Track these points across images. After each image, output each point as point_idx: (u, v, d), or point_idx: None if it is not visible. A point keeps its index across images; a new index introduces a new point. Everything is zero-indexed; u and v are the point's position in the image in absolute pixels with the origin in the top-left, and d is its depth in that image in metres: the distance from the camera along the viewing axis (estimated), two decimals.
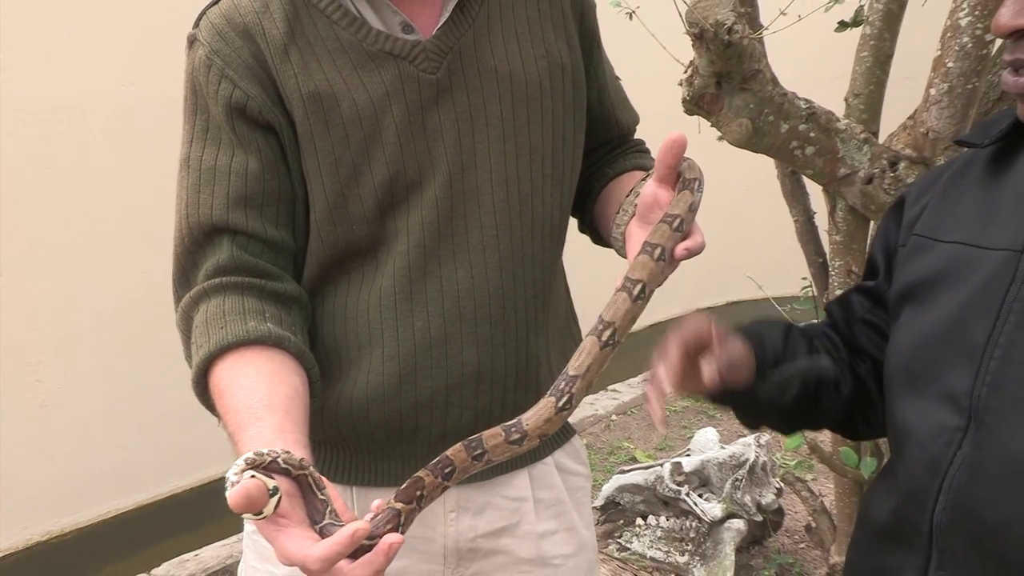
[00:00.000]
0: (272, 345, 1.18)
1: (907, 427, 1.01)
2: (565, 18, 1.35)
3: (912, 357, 1.03)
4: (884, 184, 1.69)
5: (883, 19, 1.73)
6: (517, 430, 1.07)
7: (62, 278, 3.21)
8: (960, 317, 0.96)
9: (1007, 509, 0.88)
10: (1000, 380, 0.90)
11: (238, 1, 1.25)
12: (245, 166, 1.23)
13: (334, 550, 0.91)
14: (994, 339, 0.92)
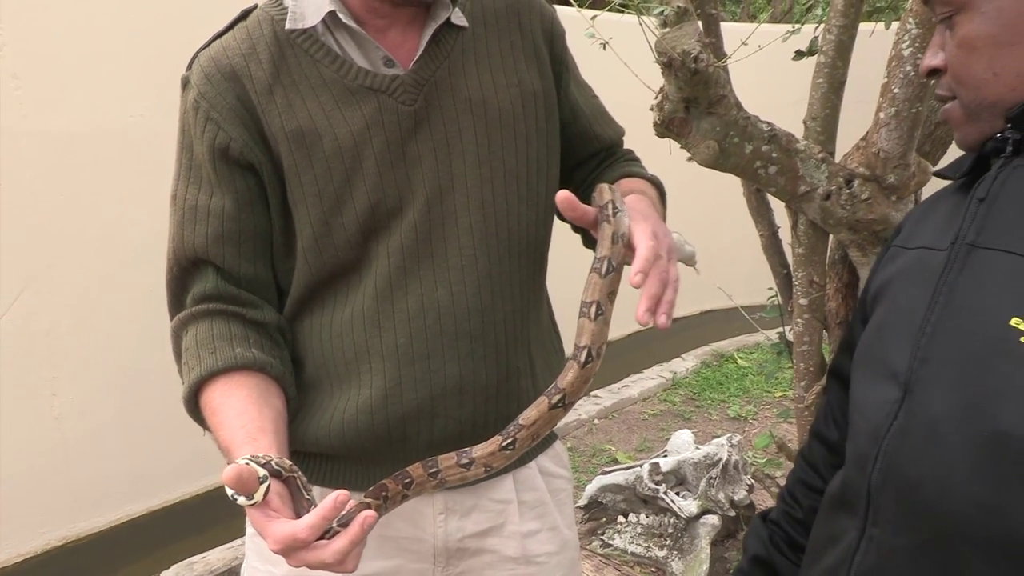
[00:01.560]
0: (257, 370, 1.24)
1: (857, 403, 1.06)
2: (536, 48, 1.37)
3: (870, 344, 1.08)
4: (841, 200, 1.72)
5: (835, 49, 1.77)
6: (467, 456, 1.15)
7: (77, 297, 3.23)
8: (908, 306, 1.01)
9: (924, 466, 0.92)
10: (927, 354, 0.95)
11: (227, 44, 1.28)
12: (222, 207, 1.26)
13: (321, 515, 0.98)
14: (927, 318, 0.96)
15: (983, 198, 0.97)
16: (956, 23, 0.96)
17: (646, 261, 1.06)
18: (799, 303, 1.94)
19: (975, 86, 0.96)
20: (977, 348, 0.90)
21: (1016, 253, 0.90)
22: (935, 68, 1.01)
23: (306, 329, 1.34)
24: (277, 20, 1.27)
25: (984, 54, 0.95)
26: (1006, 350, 0.87)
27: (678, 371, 5.64)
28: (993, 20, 0.93)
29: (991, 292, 0.91)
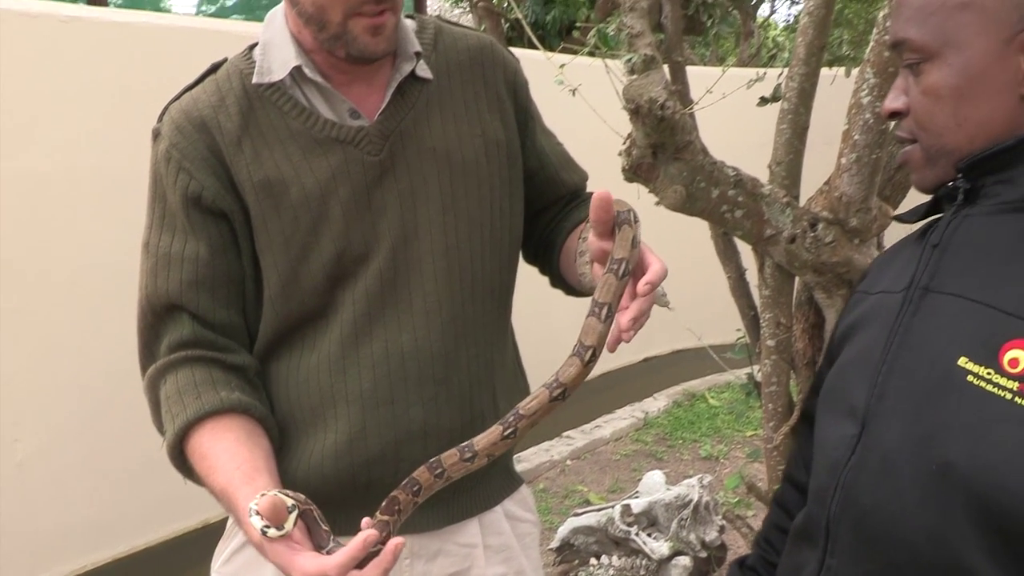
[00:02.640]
0: (241, 412, 1.26)
1: (820, 441, 1.11)
2: (500, 98, 1.40)
3: (833, 382, 1.13)
4: (805, 243, 1.76)
5: (798, 96, 1.82)
6: (469, 451, 1.17)
7: (42, 340, 3.20)
8: (867, 347, 1.06)
9: (878, 496, 0.97)
10: (884, 390, 1.00)
11: (197, 96, 1.31)
12: (196, 253, 1.28)
13: (350, 555, 1.02)
14: (884, 357, 1.01)
15: (936, 244, 1.02)
16: (923, 70, 1.00)
17: (658, 276, 1.09)
18: (767, 344, 1.97)
19: (938, 133, 1.00)
20: (929, 385, 0.95)
21: (964, 297, 0.96)
22: (897, 111, 1.04)
23: (273, 374, 1.35)
24: (246, 74, 1.30)
25: (949, 103, 0.98)
26: (955, 387, 0.92)
27: (650, 411, 5.66)
28: (960, 72, 0.97)
29: (942, 333, 0.96)
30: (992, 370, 0.90)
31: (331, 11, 1.22)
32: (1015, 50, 0.94)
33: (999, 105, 0.96)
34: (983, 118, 0.97)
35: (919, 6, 0.99)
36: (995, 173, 0.98)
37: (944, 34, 0.97)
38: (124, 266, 3.22)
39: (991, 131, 0.97)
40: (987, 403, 0.89)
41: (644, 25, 1.86)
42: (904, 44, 1.00)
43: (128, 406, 3.25)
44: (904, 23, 1.00)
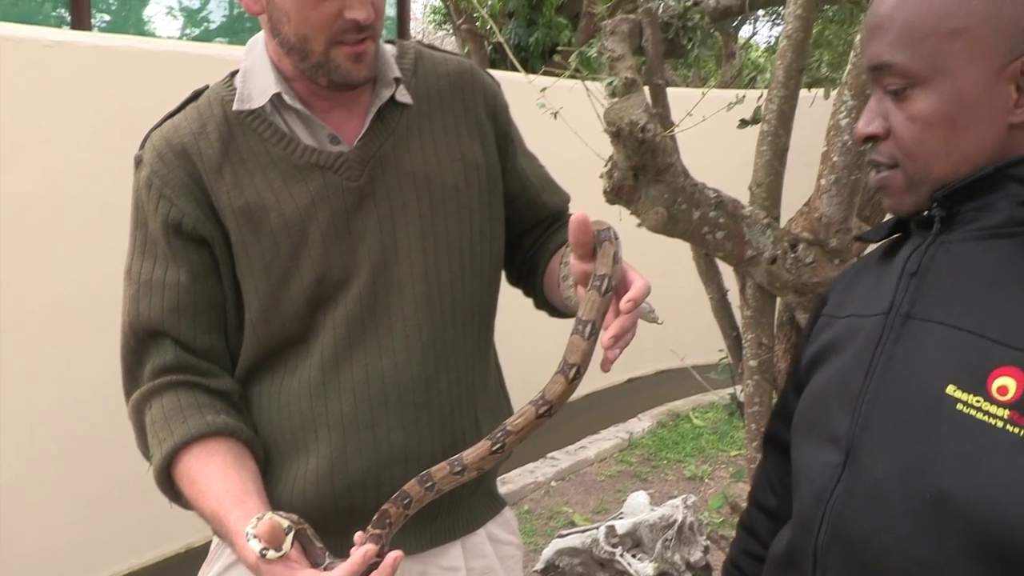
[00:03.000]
0: (228, 435, 1.27)
1: (802, 468, 1.09)
2: (480, 122, 1.41)
3: (809, 410, 1.11)
4: (786, 264, 1.78)
5: (777, 118, 1.84)
6: (459, 464, 1.18)
7: (23, 364, 3.18)
8: (845, 372, 1.05)
9: (869, 525, 0.96)
10: (869, 420, 0.99)
11: (178, 123, 1.32)
12: (177, 279, 1.29)
13: (350, 570, 1.04)
14: (866, 386, 1.00)
15: (914, 272, 1.01)
16: (910, 97, 0.98)
17: (641, 293, 1.10)
18: (749, 364, 1.98)
19: (925, 161, 0.99)
20: (917, 414, 0.94)
21: (949, 325, 0.95)
22: (874, 135, 1.03)
23: (255, 398, 1.35)
24: (227, 100, 1.31)
25: (940, 131, 0.97)
26: (944, 416, 0.91)
27: (634, 431, 5.66)
28: (952, 100, 0.95)
29: (928, 361, 0.95)
30: (981, 398, 0.89)
31: (313, 41, 1.23)
32: (1006, 79, 0.93)
33: (988, 134, 0.96)
34: (972, 147, 0.96)
35: (905, 31, 0.97)
36: (973, 200, 0.97)
37: (935, 61, 0.95)
38: (106, 290, 3.21)
39: (977, 160, 0.96)
40: (978, 431, 0.88)
41: (625, 48, 1.88)
42: (888, 68, 0.98)
43: (110, 430, 3.22)
44: (888, 47, 0.98)
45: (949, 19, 0.94)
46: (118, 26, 7.15)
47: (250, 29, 8.01)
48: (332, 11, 1.21)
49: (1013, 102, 0.94)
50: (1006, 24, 0.92)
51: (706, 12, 2.16)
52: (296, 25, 1.22)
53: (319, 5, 1.20)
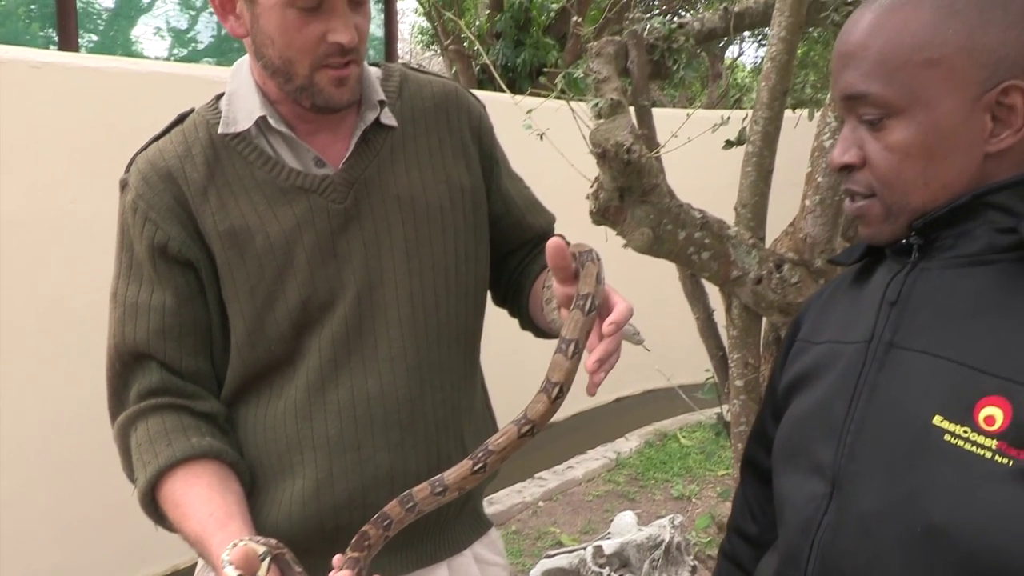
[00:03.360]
0: (213, 458, 1.27)
1: (786, 497, 1.08)
2: (464, 144, 1.42)
3: (790, 438, 1.10)
4: (772, 284, 1.78)
5: (762, 139, 1.85)
6: (440, 484, 1.18)
7: (9, 385, 3.16)
8: (826, 400, 1.04)
9: (860, 558, 0.95)
10: (854, 451, 0.98)
11: (163, 146, 1.32)
12: (163, 302, 1.29)
13: None
14: (850, 416, 0.99)
15: (894, 301, 1.00)
16: (887, 127, 0.97)
17: (623, 316, 1.10)
18: (735, 384, 1.99)
19: (904, 191, 0.98)
20: (904, 445, 0.93)
21: (933, 354, 0.94)
22: (850, 164, 1.02)
23: (241, 421, 1.35)
24: (212, 124, 1.31)
25: (918, 162, 0.96)
26: (932, 447, 0.91)
27: (622, 451, 5.65)
28: (930, 131, 0.95)
29: (913, 391, 0.94)
30: (968, 428, 0.88)
31: (298, 64, 1.23)
32: (982, 108, 0.93)
33: (966, 163, 0.95)
34: (950, 177, 0.96)
35: (879, 61, 0.96)
36: (951, 227, 0.97)
37: (912, 91, 0.94)
38: (92, 312, 3.20)
39: (955, 189, 0.96)
40: (967, 462, 0.88)
41: (611, 70, 1.89)
42: (864, 99, 0.98)
43: (96, 452, 3.21)
44: (862, 77, 0.97)
45: (924, 49, 0.93)
46: (105, 46, 7.15)
47: (237, 49, 8.02)
48: (316, 34, 1.21)
49: (989, 131, 0.94)
50: (981, 53, 0.92)
51: (691, 34, 2.18)
52: (280, 48, 1.23)
53: (303, 28, 1.21)
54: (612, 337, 1.09)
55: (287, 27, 1.21)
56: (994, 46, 0.91)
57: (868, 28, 0.98)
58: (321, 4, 1.20)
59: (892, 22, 0.96)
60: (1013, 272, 0.93)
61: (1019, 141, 0.93)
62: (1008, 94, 0.92)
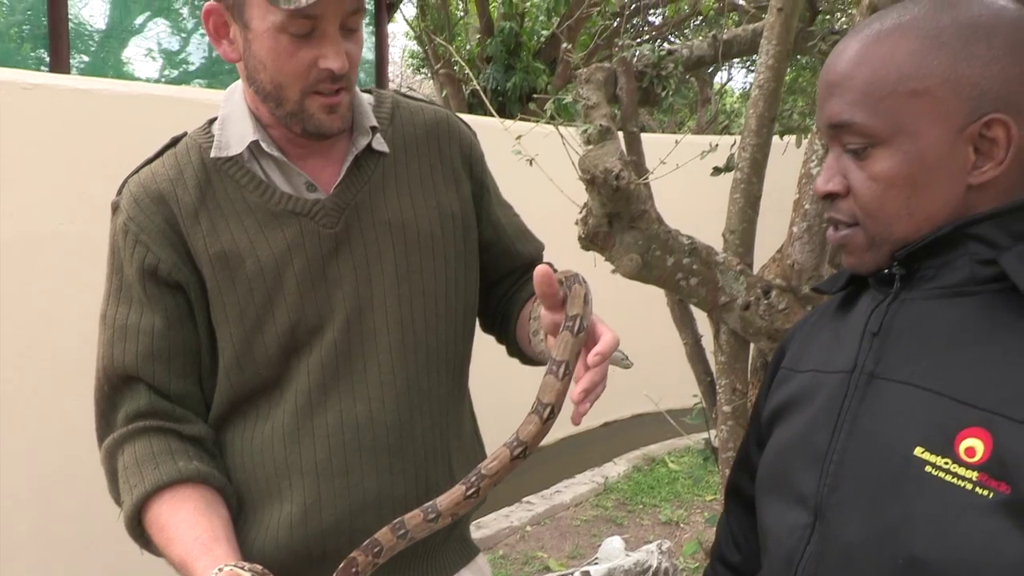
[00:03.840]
0: (200, 482, 1.26)
1: (769, 527, 1.08)
2: (455, 171, 1.42)
3: (773, 467, 1.10)
4: (759, 310, 1.79)
5: (750, 166, 1.86)
6: (433, 511, 1.17)
7: None
8: (808, 430, 1.04)
9: None
10: (837, 481, 0.98)
11: (155, 169, 1.32)
12: (152, 325, 1.29)
13: None
14: (833, 446, 0.99)
15: (876, 332, 1.00)
16: (871, 156, 0.97)
17: (609, 346, 1.10)
18: (723, 410, 1.99)
19: (887, 222, 0.98)
20: (886, 476, 0.93)
21: (914, 385, 0.94)
22: (835, 193, 1.02)
23: (229, 444, 1.35)
24: (204, 148, 1.31)
25: (902, 192, 0.96)
26: (913, 478, 0.91)
27: (610, 475, 5.64)
28: (914, 161, 0.95)
29: (894, 422, 0.95)
30: (949, 459, 0.88)
31: (288, 89, 1.24)
32: (965, 140, 0.93)
33: (949, 194, 0.95)
34: (934, 207, 0.96)
35: (865, 90, 0.96)
36: (933, 258, 0.98)
37: (896, 121, 0.95)
38: (81, 333, 3.19)
39: (938, 219, 0.96)
40: (948, 494, 0.88)
41: (600, 96, 1.91)
42: (849, 128, 0.98)
43: (83, 474, 3.18)
44: (848, 106, 0.97)
45: (909, 80, 0.94)
46: (96, 67, 7.16)
47: (228, 71, 8.04)
48: (307, 60, 1.22)
49: (971, 163, 0.94)
50: (964, 86, 0.92)
51: (680, 61, 2.20)
52: (272, 73, 1.24)
53: (294, 54, 1.22)
54: (598, 368, 1.09)
55: (279, 52, 1.22)
56: (977, 79, 0.92)
57: (854, 57, 0.98)
58: (313, 30, 1.21)
59: (878, 52, 0.96)
60: (994, 304, 0.93)
61: (1001, 174, 0.94)
62: (991, 127, 0.92)
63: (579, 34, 9.30)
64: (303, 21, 1.20)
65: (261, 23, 1.21)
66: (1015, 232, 0.93)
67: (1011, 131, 0.92)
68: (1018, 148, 0.93)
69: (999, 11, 0.93)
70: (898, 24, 0.96)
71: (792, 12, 1.81)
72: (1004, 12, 0.93)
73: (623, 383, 1.94)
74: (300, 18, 1.19)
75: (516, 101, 9.08)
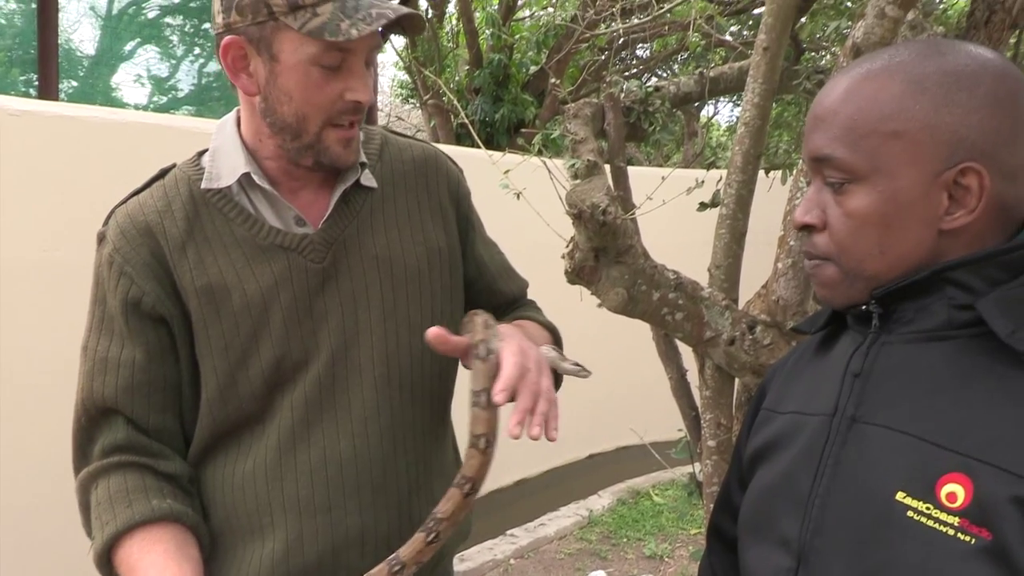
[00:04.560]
0: (173, 521, 1.26)
1: (752, 570, 1.08)
2: (442, 207, 1.44)
3: (755, 509, 1.10)
4: (744, 345, 1.80)
5: (736, 202, 1.88)
6: (396, 562, 1.18)
7: None
8: (791, 473, 1.04)
9: None
10: (819, 525, 0.98)
11: (143, 201, 1.33)
12: (132, 358, 1.29)
13: None
14: (815, 490, 0.99)
15: (858, 374, 1.01)
16: (848, 192, 0.98)
17: (509, 379, 1.12)
18: (708, 444, 1.99)
19: (859, 258, 1.00)
20: (868, 521, 0.93)
21: (895, 429, 0.95)
22: (810, 225, 1.03)
23: (209, 479, 1.34)
24: (194, 180, 1.32)
25: (875, 230, 0.97)
26: (895, 523, 0.91)
27: (594, 508, 5.62)
28: (888, 200, 0.96)
29: (876, 467, 0.95)
30: (931, 505, 0.89)
31: (311, 121, 1.26)
32: (940, 186, 0.94)
33: (922, 236, 0.97)
34: (906, 248, 0.97)
35: (847, 126, 0.98)
36: (911, 300, 0.99)
37: (875, 160, 0.96)
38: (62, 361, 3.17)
39: (910, 260, 0.97)
40: (930, 540, 0.88)
41: (587, 131, 1.92)
42: (829, 162, 0.99)
43: (60, 504, 3.15)
44: (830, 141, 0.99)
45: (890, 120, 0.95)
46: (85, 93, 7.17)
47: (218, 99, 8.06)
48: (335, 92, 1.25)
49: (944, 209, 0.95)
50: (943, 132, 0.94)
51: (667, 98, 2.22)
52: (298, 104, 1.25)
53: (323, 86, 1.24)
54: (523, 393, 1.10)
55: (309, 84, 1.23)
56: (956, 126, 0.93)
57: (841, 94, 1.00)
58: (342, 64, 1.24)
59: (864, 91, 0.98)
60: (971, 348, 0.94)
61: (972, 221, 0.95)
62: (965, 175, 0.93)
63: (567, 66, 9.38)
64: (336, 54, 1.22)
65: (292, 56, 1.23)
66: (991, 278, 0.94)
67: (984, 181, 0.93)
68: (990, 198, 0.94)
69: (984, 63, 0.95)
70: (886, 66, 0.98)
71: (778, 51, 1.83)
72: (989, 64, 0.95)
73: (608, 416, 1.94)
74: (334, 51, 1.22)
75: (504, 132, 9.13)
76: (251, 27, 1.23)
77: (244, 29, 1.24)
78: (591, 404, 5.25)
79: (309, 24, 1.20)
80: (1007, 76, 0.95)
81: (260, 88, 1.27)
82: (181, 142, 1.47)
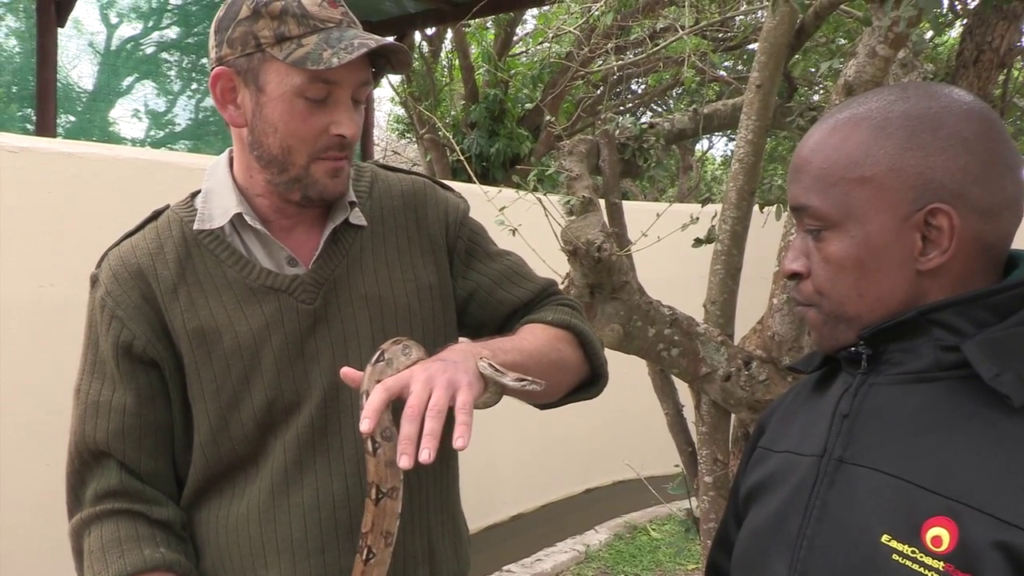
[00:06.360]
0: (165, 570, 1.25)
1: None
2: (432, 242, 1.42)
3: (748, 549, 1.10)
4: (740, 381, 1.80)
5: (731, 238, 1.89)
6: None
7: None
8: (781, 513, 1.04)
9: None
10: (806, 567, 0.98)
11: (135, 243, 1.33)
12: (124, 403, 1.29)
13: None
14: (803, 531, 0.99)
15: (846, 415, 1.01)
16: (825, 238, 1.00)
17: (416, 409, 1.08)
18: (704, 480, 1.99)
19: (839, 302, 1.01)
20: (854, 563, 0.93)
21: (881, 471, 0.95)
22: (797, 273, 1.05)
23: (203, 521, 1.33)
24: (186, 221, 1.32)
25: (851, 274, 0.99)
26: (880, 566, 0.91)
27: (591, 544, 5.58)
28: (861, 245, 0.98)
29: (862, 509, 0.95)
30: (916, 548, 0.88)
31: (296, 154, 1.26)
32: (911, 228, 0.95)
33: (898, 279, 0.98)
34: (883, 291, 0.98)
35: (818, 176, 1.00)
36: (897, 341, 0.99)
37: (845, 206, 0.98)
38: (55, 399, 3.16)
39: (891, 303, 0.98)
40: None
41: (582, 168, 1.94)
42: (806, 211, 1.01)
43: (55, 540, 3.13)
44: (804, 190, 1.01)
45: (857, 167, 0.97)
46: (83, 128, 7.21)
47: (215, 132, 8.11)
48: (320, 125, 1.25)
49: (919, 250, 0.96)
50: (909, 175, 0.95)
51: (661, 134, 2.24)
52: (282, 136, 1.25)
53: (308, 119, 1.24)
54: (403, 424, 1.07)
55: (294, 116, 1.24)
56: (922, 168, 0.95)
57: (813, 144, 1.02)
58: (328, 97, 1.24)
59: (832, 140, 1.00)
60: (957, 391, 0.94)
61: (951, 261, 0.96)
62: (935, 216, 0.94)
63: (562, 101, 9.44)
64: (321, 86, 1.23)
65: (278, 87, 1.23)
66: (977, 320, 0.95)
67: (954, 220, 0.94)
68: (962, 237, 0.95)
69: (949, 104, 0.97)
70: (853, 114, 1.00)
71: (771, 89, 1.85)
72: (953, 105, 0.97)
73: (605, 450, 1.93)
74: (319, 83, 1.22)
75: (500, 167, 9.17)
76: (240, 59, 1.24)
77: (234, 61, 1.25)
78: (587, 438, 5.24)
79: (294, 55, 1.21)
80: (973, 115, 0.96)
81: (247, 120, 1.28)
82: (177, 178, 1.48)
